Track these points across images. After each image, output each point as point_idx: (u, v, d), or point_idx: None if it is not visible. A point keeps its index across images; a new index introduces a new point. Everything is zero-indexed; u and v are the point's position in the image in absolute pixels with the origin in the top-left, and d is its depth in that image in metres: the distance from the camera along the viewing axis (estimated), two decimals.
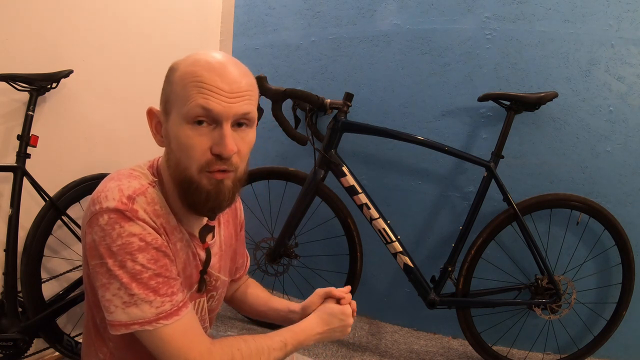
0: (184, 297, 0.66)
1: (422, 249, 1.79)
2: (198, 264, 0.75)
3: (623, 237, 1.48)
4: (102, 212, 0.60)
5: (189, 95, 0.63)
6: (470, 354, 1.65)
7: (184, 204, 0.68)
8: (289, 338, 0.75)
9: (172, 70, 0.67)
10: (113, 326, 0.62)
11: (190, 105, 0.62)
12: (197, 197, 0.65)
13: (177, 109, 0.64)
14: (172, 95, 0.65)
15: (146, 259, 0.61)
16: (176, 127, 0.64)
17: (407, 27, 1.72)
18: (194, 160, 0.64)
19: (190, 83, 0.63)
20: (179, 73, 0.65)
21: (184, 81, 0.64)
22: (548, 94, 1.47)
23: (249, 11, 2.00)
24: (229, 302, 1.01)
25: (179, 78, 0.65)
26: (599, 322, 1.59)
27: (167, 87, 0.67)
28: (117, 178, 0.65)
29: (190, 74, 0.63)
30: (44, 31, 1.30)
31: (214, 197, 0.66)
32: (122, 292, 0.60)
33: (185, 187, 0.66)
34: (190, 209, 0.69)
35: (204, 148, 0.64)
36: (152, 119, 0.70)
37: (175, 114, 0.65)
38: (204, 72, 0.63)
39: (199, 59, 0.65)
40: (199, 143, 0.63)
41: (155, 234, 0.63)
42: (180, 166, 0.65)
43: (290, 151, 1.93)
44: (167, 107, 0.67)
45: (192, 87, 0.63)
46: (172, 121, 0.66)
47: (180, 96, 0.64)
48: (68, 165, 1.40)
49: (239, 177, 0.68)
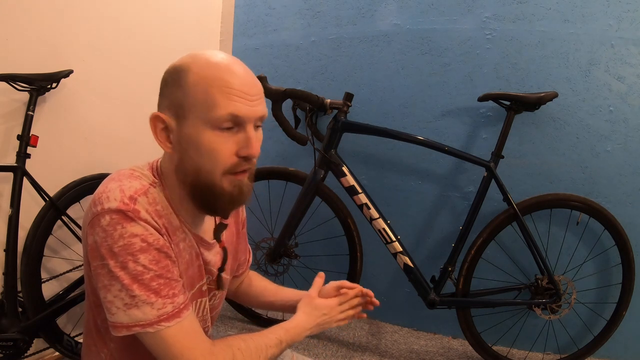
0: (185, 299, 0.66)
1: (422, 249, 1.79)
2: (201, 264, 0.75)
3: (623, 237, 1.48)
4: (103, 212, 0.60)
5: (215, 101, 0.62)
6: (470, 354, 1.65)
7: (199, 207, 0.69)
8: (282, 335, 0.77)
9: (182, 72, 0.64)
10: (114, 328, 0.62)
11: (217, 111, 0.62)
12: (221, 200, 0.67)
13: (199, 114, 0.63)
14: (190, 100, 0.63)
15: (148, 260, 0.61)
16: (197, 133, 0.63)
17: (407, 27, 1.72)
18: (219, 164, 0.64)
19: (214, 88, 0.62)
20: (194, 76, 0.63)
21: (206, 86, 0.62)
22: (548, 94, 1.47)
23: (249, 11, 2.00)
24: (232, 296, 1.02)
25: (197, 82, 0.63)
26: (599, 322, 1.59)
27: (177, 91, 0.64)
28: (117, 179, 0.65)
29: (212, 78, 0.62)
30: (44, 31, 1.30)
31: (237, 198, 0.68)
32: (123, 293, 0.60)
33: (207, 192, 0.66)
34: (206, 212, 0.70)
35: (230, 152, 0.64)
36: (156, 125, 0.67)
37: (196, 119, 0.63)
38: (226, 76, 0.63)
39: (214, 62, 0.64)
40: (224, 147, 0.64)
41: (157, 235, 0.63)
42: (202, 171, 0.65)
43: (290, 151, 1.93)
44: (181, 111, 0.64)
45: (217, 92, 0.62)
46: (189, 127, 0.64)
47: (202, 101, 0.62)
48: (68, 165, 1.40)
49: (252, 173, 0.71)
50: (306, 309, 0.86)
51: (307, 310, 0.85)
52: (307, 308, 0.86)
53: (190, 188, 0.67)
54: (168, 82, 0.66)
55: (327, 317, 0.86)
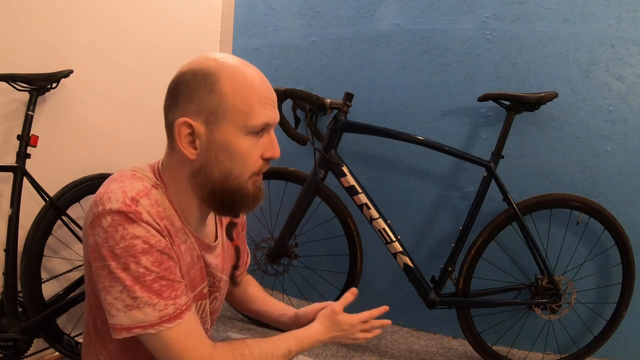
0: (187, 300, 0.65)
1: (422, 249, 1.79)
2: (202, 267, 0.75)
3: (623, 237, 1.48)
4: (105, 213, 0.60)
5: (251, 108, 0.65)
6: (470, 354, 1.65)
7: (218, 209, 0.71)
8: (293, 345, 0.75)
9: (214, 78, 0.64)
10: (114, 330, 0.61)
11: (255, 120, 0.65)
12: (245, 202, 0.70)
13: (235, 121, 0.65)
14: (225, 107, 0.64)
15: (150, 261, 0.61)
16: (233, 139, 0.65)
17: (407, 27, 1.72)
18: (249, 168, 0.68)
19: (252, 97, 0.65)
20: (229, 84, 0.64)
21: (244, 94, 0.65)
22: (548, 94, 1.47)
23: (249, 11, 2.00)
24: (230, 300, 1.01)
25: (235, 89, 0.65)
26: (599, 322, 1.59)
27: (209, 96, 0.64)
28: (119, 179, 0.64)
29: (249, 87, 0.66)
30: (44, 31, 1.30)
31: (259, 197, 0.72)
32: (124, 295, 0.60)
33: (234, 195, 0.68)
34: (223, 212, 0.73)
35: (257, 155, 0.68)
36: (182, 130, 0.65)
37: (232, 126, 0.65)
38: (260, 86, 0.67)
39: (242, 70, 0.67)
40: (255, 152, 0.68)
41: (159, 236, 0.63)
42: (232, 175, 0.67)
43: (290, 151, 1.93)
44: (212, 117, 0.65)
45: (254, 100, 0.65)
46: (223, 132, 0.65)
47: (240, 109, 0.65)
48: (68, 165, 1.40)
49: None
50: (325, 322, 0.84)
51: (326, 323, 0.84)
52: (327, 321, 0.84)
53: (211, 192, 0.68)
54: (193, 86, 0.65)
55: (345, 333, 0.85)
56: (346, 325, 0.85)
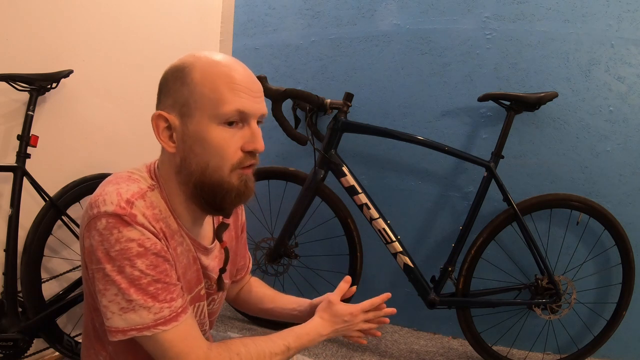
0: (183, 303, 0.65)
1: (422, 249, 1.79)
2: (199, 268, 0.75)
3: (623, 237, 1.48)
4: (100, 216, 0.59)
5: (221, 96, 0.63)
6: (470, 354, 1.65)
7: (205, 207, 0.69)
8: (292, 342, 0.74)
9: (186, 70, 0.65)
10: (110, 332, 0.61)
11: (225, 107, 0.63)
12: (228, 196, 0.66)
13: (206, 111, 0.63)
14: (197, 97, 0.64)
15: (145, 264, 0.60)
16: (205, 130, 0.64)
17: (407, 27, 1.72)
18: (226, 160, 0.65)
19: (222, 85, 0.63)
20: (200, 74, 0.64)
21: (212, 82, 0.63)
22: (548, 94, 1.47)
23: (249, 11, 2.00)
24: (233, 302, 1.01)
25: (203, 79, 0.64)
26: (599, 322, 1.59)
27: (181, 88, 0.65)
28: (115, 181, 0.64)
29: (219, 75, 0.64)
30: (44, 31, 1.30)
31: (244, 193, 0.68)
32: (119, 297, 0.59)
33: (215, 189, 0.66)
34: (211, 211, 0.70)
35: (236, 147, 0.65)
36: (159, 124, 0.66)
37: (203, 116, 0.64)
38: (233, 73, 0.64)
39: (217, 60, 0.65)
40: (232, 143, 0.65)
41: (155, 239, 0.62)
42: (210, 168, 0.65)
43: (290, 151, 1.93)
44: (186, 109, 0.64)
45: (224, 88, 0.63)
46: (196, 124, 0.64)
47: (210, 98, 0.63)
48: (68, 165, 1.40)
49: (254, 170, 0.71)
50: (324, 315, 0.81)
51: (325, 316, 0.81)
52: (326, 314, 0.81)
53: (194, 188, 0.66)
54: (170, 80, 0.66)
55: (347, 325, 0.81)
56: (347, 316, 0.81)
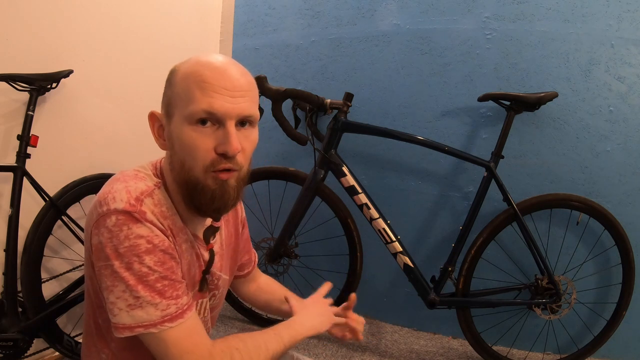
0: (188, 300, 0.66)
1: (422, 249, 1.79)
2: (201, 265, 0.75)
3: (623, 237, 1.48)
4: (109, 213, 0.60)
5: (192, 95, 0.62)
6: (470, 354, 1.65)
7: (189, 206, 0.68)
8: (283, 330, 0.77)
9: (173, 73, 0.67)
10: (117, 329, 0.61)
11: (193, 106, 0.62)
12: (203, 197, 0.65)
13: (180, 110, 0.64)
14: (174, 97, 0.65)
15: (153, 261, 0.61)
16: (179, 129, 0.64)
17: (407, 27, 1.72)
18: (198, 160, 0.64)
19: (192, 83, 0.63)
20: (180, 75, 0.65)
21: (186, 82, 0.64)
22: (548, 94, 1.47)
23: (249, 11, 2.00)
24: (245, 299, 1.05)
25: (180, 79, 0.65)
26: (599, 322, 1.59)
27: (168, 89, 0.67)
28: (123, 179, 0.65)
29: (192, 74, 0.64)
30: (44, 31, 1.30)
31: (219, 197, 0.66)
32: (127, 294, 0.60)
33: (191, 189, 0.65)
34: (195, 211, 0.69)
35: (208, 148, 0.63)
36: (153, 123, 0.70)
37: (179, 116, 0.64)
38: (205, 71, 0.63)
39: (200, 60, 0.65)
40: (202, 143, 0.63)
41: (163, 236, 0.63)
42: (185, 167, 0.65)
43: (290, 151, 1.93)
44: (169, 109, 0.67)
45: (194, 87, 0.63)
46: (174, 123, 0.65)
47: (183, 97, 0.64)
48: (68, 165, 1.40)
49: (242, 177, 0.68)
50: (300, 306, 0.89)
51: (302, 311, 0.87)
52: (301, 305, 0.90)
53: (181, 186, 0.67)
54: (166, 81, 0.69)
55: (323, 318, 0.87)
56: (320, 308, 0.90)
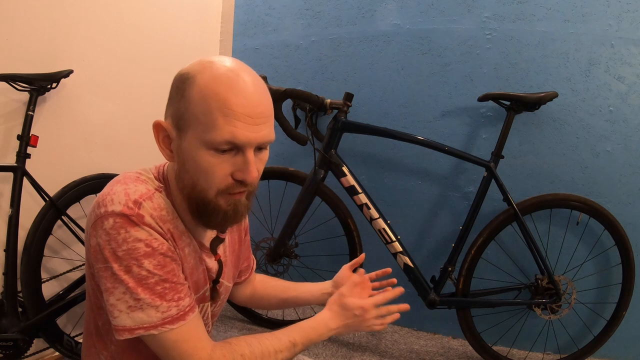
0: (191, 302, 0.65)
1: (422, 249, 1.79)
2: (205, 269, 0.75)
3: (623, 237, 1.47)
4: (107, 215, 0.59)
5: (213, 121, 0.59)
6: (470, 354, 1.65)
7: (196, 218, 0.67)
8: (298, 337, 0.72)
9: (187, 82, 0.62)
10: (117, 331, 0.61)
11: (215, 134, 0.59)
12: (214, 217, 0.65)
13: (197, 132, 0.60)
14: (190, 115, 0.61)
15: (152, 264, 0.60)
16: (195, 150, 0.61)
17: (407, 27, 1.72)
18: (213, 184, 0.62)
19: (215, 109, 0.59)
20: (198, 90, 0.60)
21: (206, 103, 0.59)
22: (548, 94, 1.47)
23: (249, 11, 2.00)
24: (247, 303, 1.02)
25: (199, 98, 0.60)
26: (599, 322, 1.59)
27: (180, 101, 0.62)
28: (123, 181, 0.64)
29: (213, 96, 0.59)
30: (44, 31, 1.30)
31: (232, 217, 0.66)
32: (127, 296, 0.60)
33: (201, 208, 0.65)
34: (202, 225, 0.69)
35: (225, 173, 0.62)
36: (159, 133, 0.66)
37: (194, 137, 0.61)
38: (230, 96, 0.59)
39: (220, 75, 0.60)
40: (220, 169, 0.62)
41: (162, 239, 0.62)
42: (197, 188, 0.63)
43: (290, 151, 1.93)
44: (182, 124, 0.62)
45: (216, 112, 0.58)
46: (188, 142, 0.62)
47: (202, 120, 0.59)
48: (68, 165, 1.40)
49: (252, 192, 0.68)
50: (334, 307, 0.78)
51: (335, 309, 0.78)
52: (336, 307, 0.78)
53: (190, 202, 0.66)
54: (173, 89, 0.64)
55: (357, 320, 0.78)
56: (358, 310, 0.77)
